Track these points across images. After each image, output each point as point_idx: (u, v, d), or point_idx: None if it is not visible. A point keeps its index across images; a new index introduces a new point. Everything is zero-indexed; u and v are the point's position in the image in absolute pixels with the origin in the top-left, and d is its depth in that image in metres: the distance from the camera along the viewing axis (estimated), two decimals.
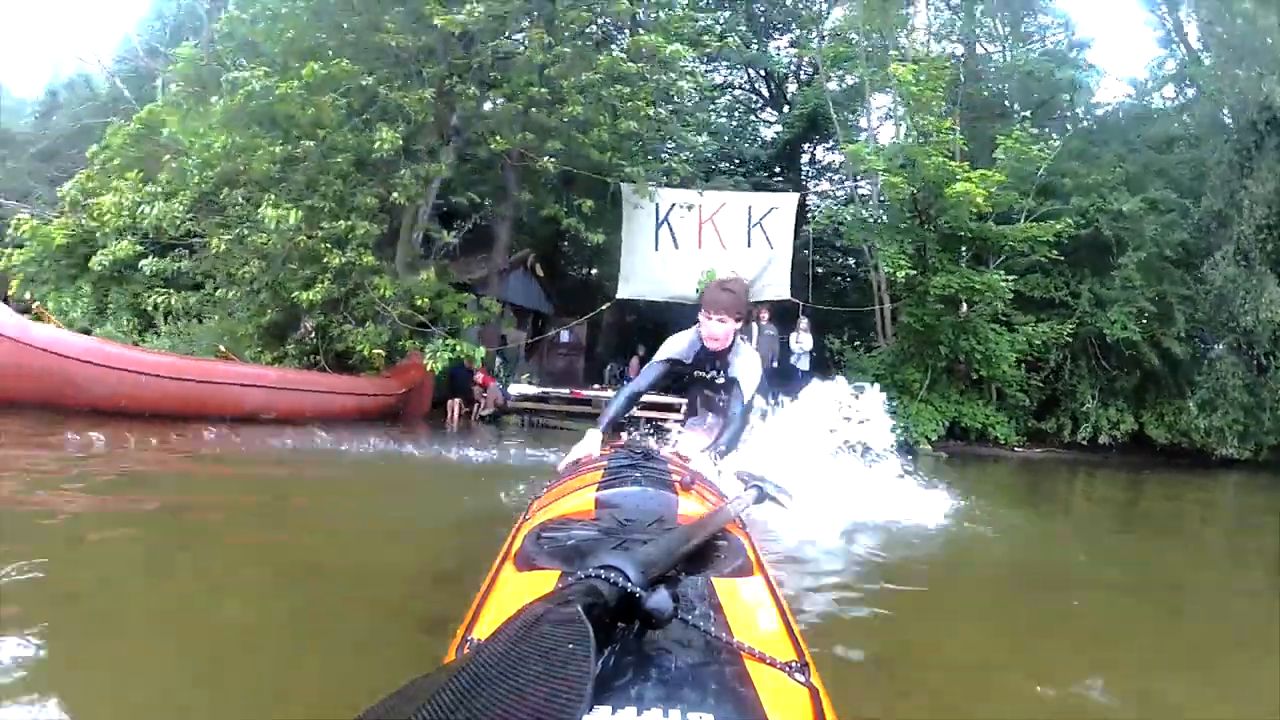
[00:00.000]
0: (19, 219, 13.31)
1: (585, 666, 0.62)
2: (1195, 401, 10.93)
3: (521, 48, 8.74)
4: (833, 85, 13.58)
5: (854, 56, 12.80)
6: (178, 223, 8.89)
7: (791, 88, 17.86)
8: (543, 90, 8.59)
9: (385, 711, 0.59)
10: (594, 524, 1.55)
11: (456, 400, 9.92)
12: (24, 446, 4.90)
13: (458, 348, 8.41)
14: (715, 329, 2.95)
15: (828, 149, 16.68)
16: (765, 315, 10.52)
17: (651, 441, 3.04)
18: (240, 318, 9.31)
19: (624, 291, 11.54)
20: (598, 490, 1.74)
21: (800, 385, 8.62)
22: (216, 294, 9.30)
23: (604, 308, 11.43)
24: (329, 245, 8.33)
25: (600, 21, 9.74)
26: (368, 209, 8.53)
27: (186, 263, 9.54)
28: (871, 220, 10.44)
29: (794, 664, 0.89)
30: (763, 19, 17.27)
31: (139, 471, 4.53)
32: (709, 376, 3.19)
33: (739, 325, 3.04)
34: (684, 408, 3.64)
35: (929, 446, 9.82)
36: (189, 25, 15.49)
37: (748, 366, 3.12)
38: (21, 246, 13.18)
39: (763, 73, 18.19)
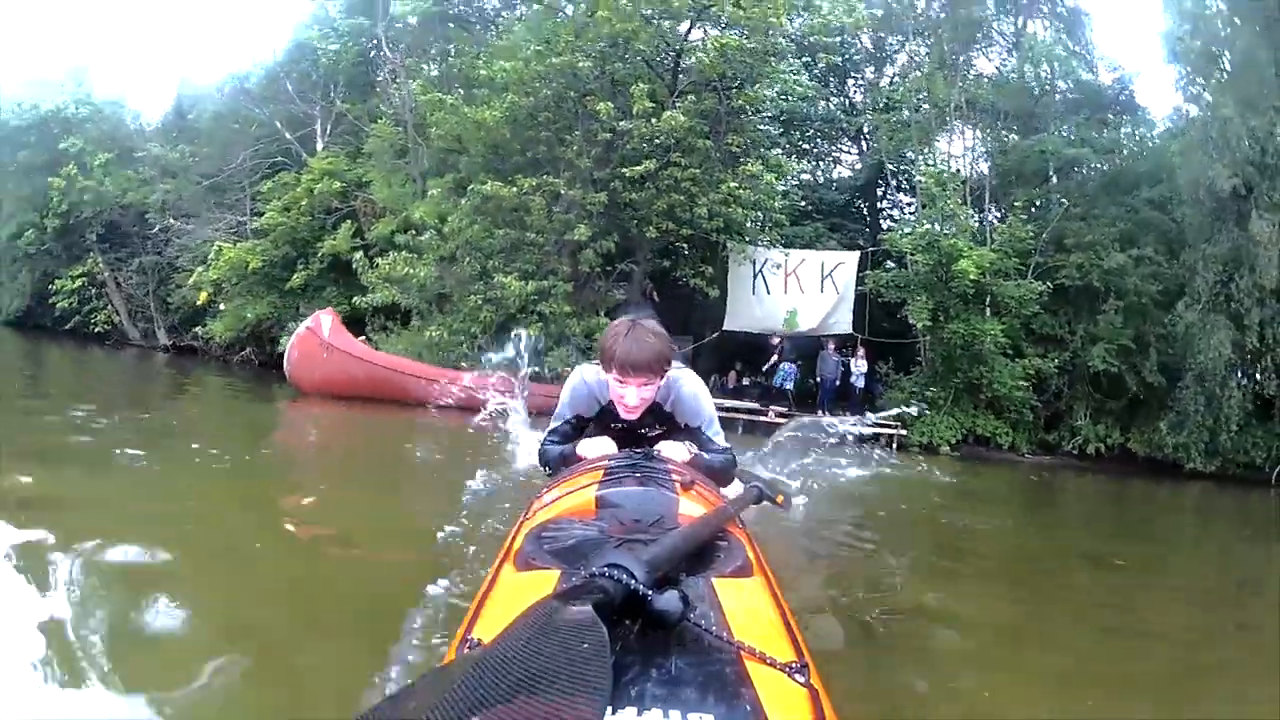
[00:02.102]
0: (220, 246, 22.12)
1: (604, 668, 0.83)
2: (1165, 423, 18.38)
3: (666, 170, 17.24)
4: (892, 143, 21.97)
5: (907, 124, 21.26)
6: (433, 279, 17.44)
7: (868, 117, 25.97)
8: (681, 199, 17.08)
9: (391, 710, 0.80)
10: (594, 523, 2.02)
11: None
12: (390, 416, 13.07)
13: None
14: (632, 399, 2.83)
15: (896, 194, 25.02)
16: (831, 345, 19.17)
17: None
18: (454, 340, 17.65)
19: (729, 324, 20.35)
20: (598, 490, 2.26)
21: (858, 400, 17.31)
22: (442, 321, 17.78)
23: (713, 335, 20.10)
24: (537, 297, 16.81)
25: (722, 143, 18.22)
26: (563, 274, 17.06)
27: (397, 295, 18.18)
28: (905, 280, 18.74)
29: (794, 664, 1.16)
30: (840, 60, 25.59)
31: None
32: (636, 429, 3.12)
33: (662, 383, 2.89)
34: None
35: (948, 449, 18.05)
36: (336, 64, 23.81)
37: (692, 398, 3.10)
38: (205, 265, 22.16)
39: (841, 108, 26.69)
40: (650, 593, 1.09)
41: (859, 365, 19.43)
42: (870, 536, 5.64)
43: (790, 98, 20.64)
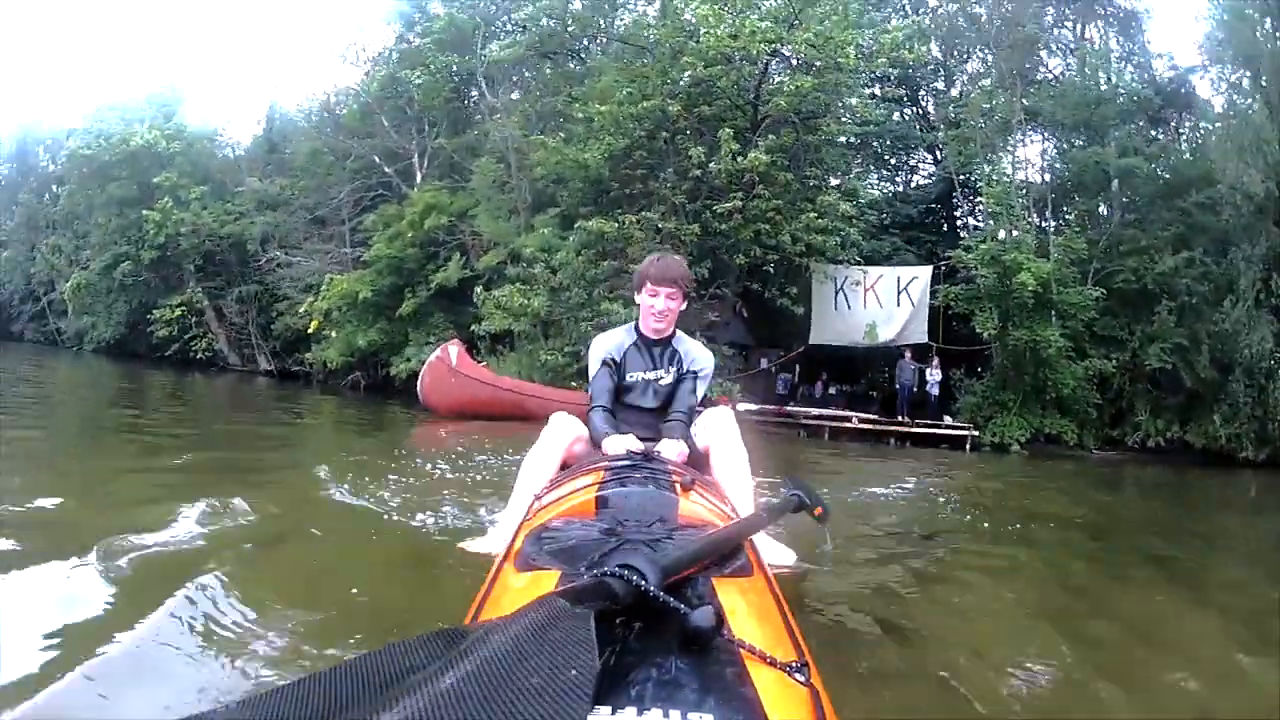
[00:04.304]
0: (331, 277, 26.81)
1: (589, 679, 0.96)
2: (1219, 415, 22.14)
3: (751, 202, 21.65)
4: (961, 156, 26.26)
5: (972, 139, 25.46)
6: (547, 309, 21.99)
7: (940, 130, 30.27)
8: (766, 228, 21.49)
9: (367, 666, 0.92)
10: (594, 524, 2.22)
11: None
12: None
13: (727, 386, 21.40)
14: (660, 305, 3.82)
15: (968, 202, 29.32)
16: (909, 354, 23.64)
17: None
18: (566, 361, 22.13)
19: (814, 338, 24.96)
20: (598, 490, 2.52)
21: (931, 411, 21.83)
22: (554, 345, 22.32)
23: (800, 349, 24.58)
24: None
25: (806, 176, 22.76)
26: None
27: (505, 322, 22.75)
28: (973, 292, 22.93)
29: (794, 664, 1.28)
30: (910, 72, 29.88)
31: None
32: (653, 378, 4.03)
33: (683, 308, 3.94)
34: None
35: (1018, 447, 22.00)
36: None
37: (701, 351, 4.12)
38: (315, 294, 26.84)
39: (921, 114, 31.25)
40: (683, 607, 1.24)
41: (934, 374, 23.81)
42: (891, 533, 6.05)
43: (864, 124, 24.76)
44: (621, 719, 1.07)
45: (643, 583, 1.26)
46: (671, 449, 3.44)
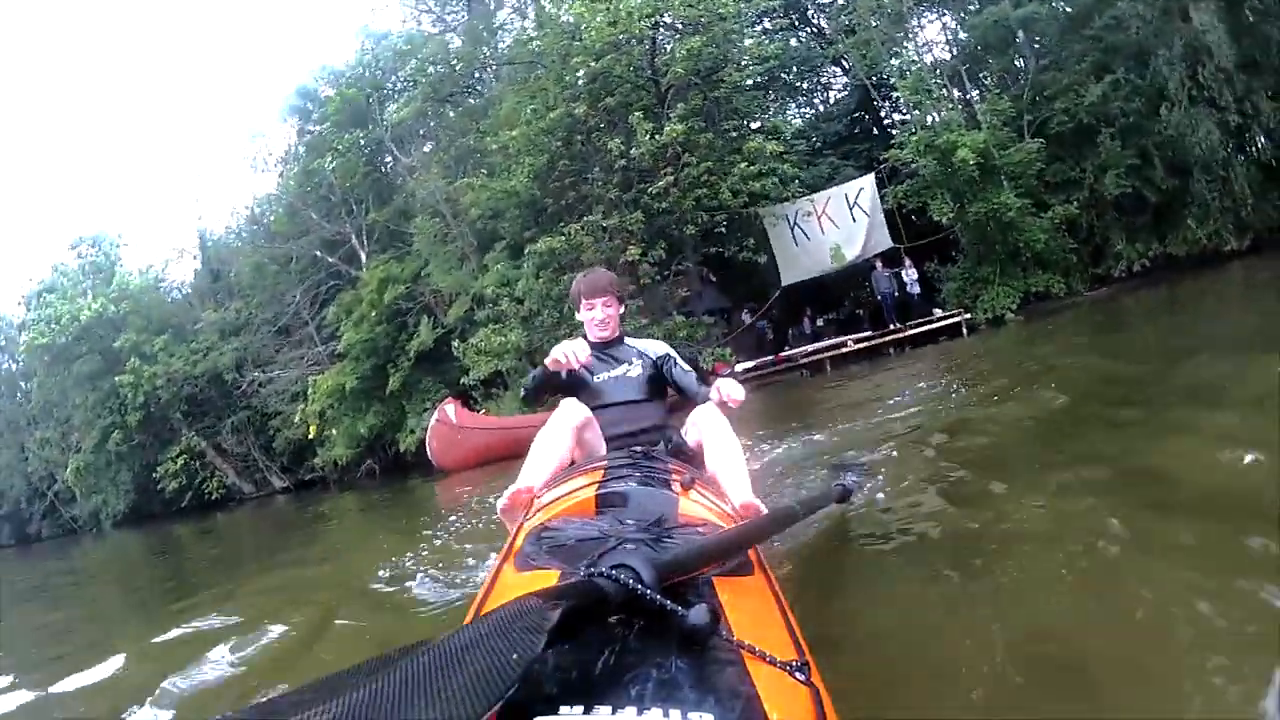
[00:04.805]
0: (314, 380, 27.29)
1: (504, 680, 0.99)
2: (1192, 218, 22.84)
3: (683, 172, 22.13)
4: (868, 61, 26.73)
5: (871, 40, 25.90)
6: (525, 340, 22.45)
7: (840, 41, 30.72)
8: (704, 192, 21.95)
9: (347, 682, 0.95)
10: (594, 523, 2.25)
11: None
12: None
13: (720, 352, 21.84)
14: (599, 314, 4.19)
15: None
16: (880, 263, 24.06)
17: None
18: None
19: (786, 280, 25.34)
20: (598, 489, 2.58)
21: (918, 310, 22.36)
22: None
23: (776, 295, 25.05)
24: None
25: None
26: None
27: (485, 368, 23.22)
28: (919, 185, 23.42)
29: (794, 663, 1.31)
30: None
31: None
32: (620, 373, 4.20)
33: (622, 311, 4.33)
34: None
35: (1012, 314, 22.50)
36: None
37: (652, 342, 4.41)
38: (305, 400, 27.32)
39: (816, 31, 31.69)
40: (680, 608, 1.27)
41: (910, 274, 24.33)
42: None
43: (764, 62, 25.08)
44: (621, 719, 1.12)
45: (633, 583, 1.30)
46: (729, 387, 3.66)
